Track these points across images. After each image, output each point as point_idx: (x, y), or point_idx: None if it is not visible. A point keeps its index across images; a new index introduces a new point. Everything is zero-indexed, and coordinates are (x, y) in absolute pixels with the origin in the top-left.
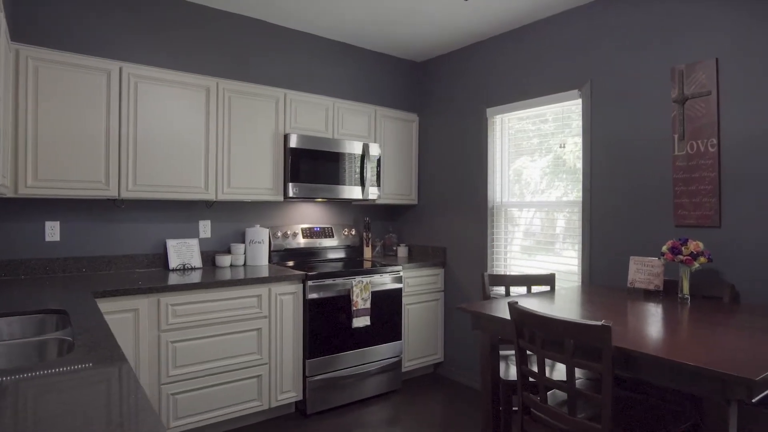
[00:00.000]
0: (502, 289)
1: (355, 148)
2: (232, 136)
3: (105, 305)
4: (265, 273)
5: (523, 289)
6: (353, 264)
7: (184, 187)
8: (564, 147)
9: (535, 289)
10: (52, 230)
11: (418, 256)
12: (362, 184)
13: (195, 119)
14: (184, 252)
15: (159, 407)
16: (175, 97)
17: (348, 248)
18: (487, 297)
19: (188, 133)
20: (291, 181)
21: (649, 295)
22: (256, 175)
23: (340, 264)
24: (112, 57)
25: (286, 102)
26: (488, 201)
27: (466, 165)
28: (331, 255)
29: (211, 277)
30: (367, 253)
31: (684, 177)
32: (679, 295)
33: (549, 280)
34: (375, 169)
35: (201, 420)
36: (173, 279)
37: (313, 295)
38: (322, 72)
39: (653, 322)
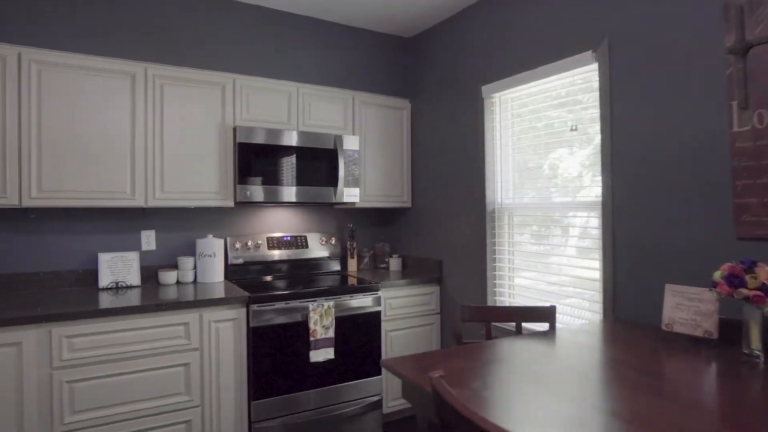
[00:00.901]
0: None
1: (326, 142)
2: (165, 131)
3: None
4: (212, 293)
5: (540, 326)
6: (324, 281)
7: (105, 193)
8: (576, 129)
9: (532, 326)
10: None
11: (414, 270)
12: (335, 184)
13: (118, 112)
14: (119, 268)
15: None
16: (93, 87)
17: (328, 260)
18: (460, 340)
19: (110, 129)
20: (240, 183)
21: (695, 345)
22: (197, 177)
23: (313, 281)
24: (4, 40)
25: (235, 89)
26: (486, 202)
27: (463, 159)
28: (305, 270)
29: (152, 297)
30: (353, 265)
31: (750, 165)
32: (745, 350)
33: (547, 314)
34: (352, 167)
35: None
36: (99, 300)
37: (259, 323)
38: (283, 53)
39: (705, 402)
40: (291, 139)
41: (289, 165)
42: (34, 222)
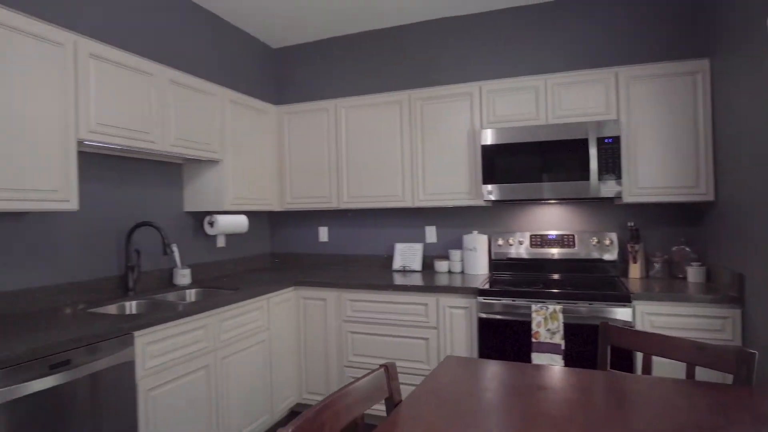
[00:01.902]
0: None
1: (578, 132)
2: (426, 143)
3: (305, 292)
4: (468, 282)
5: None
6: (590, 284)
7: (384, 197)
8: None
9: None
10: (324, 234)
11: (716, 282)
12: (588, 177)
13: (389, 132)
14: (408, 255)
15: (342, 385)
16: (372, 117)
17: (600, 263)
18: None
19: (385, 146)
20: (484, 183)
21: None
22: (450, 180)
23: (581, 282)
24: (328, 97)
25: (482, 95)
26: None
27: None
28: (570, 270)
29: (429, 280)
30: (635, 271)
31: None
32: None
33: (736, 360)
34: (609, 156)
35: None
36: (384, 278)
37: (486, 314)
38: (523, 49)
39: None
40: (538, 135)
41: (536, 161)
42: (351, 219)
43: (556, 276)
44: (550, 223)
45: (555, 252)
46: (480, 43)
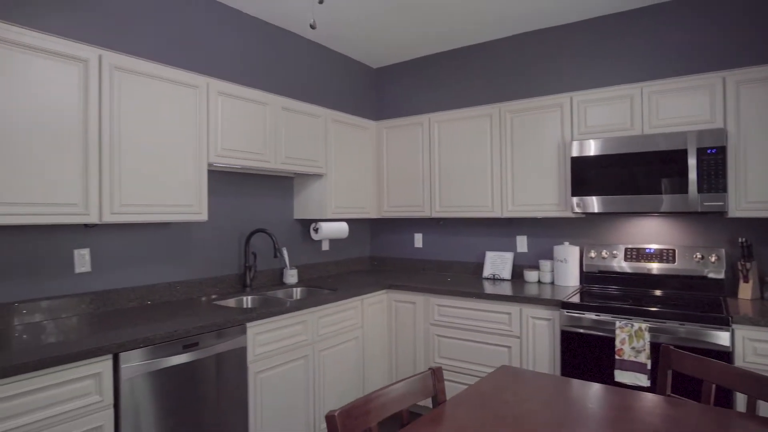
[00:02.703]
0: None
1: (677, 141)
2: (515, 155)
3: (396, 295)
4: (557, 294)
5: None
6: (687, 303)
7: (474, 207)
8: None
9: None
10: (419, 240)
11: None
12: (687, 190)
13: (480, 145)
14: (498, 264)
15: None
16: (464, 131)
17: (705, 281)
18: None
19: (476, 158)
20: (573, 195)
21: None
22: (540, 191)
23: (678, 300)
24: (422, 112)
25: (572, 106)
26: None
27: None
28: (670, 287)
29: (516, 290)
30: (745, 291)
31: None
32: None
33: None
34: (713, 166)
35: None
36: (472, 285)
37: (569, 327)
38: (617, 57)
39: None
40: (632, 145)
41: (629, 173)
42: (443, 227)
43: (652, 292)
44: (647, 236)
45: (653, 267)
46: (570, 53)
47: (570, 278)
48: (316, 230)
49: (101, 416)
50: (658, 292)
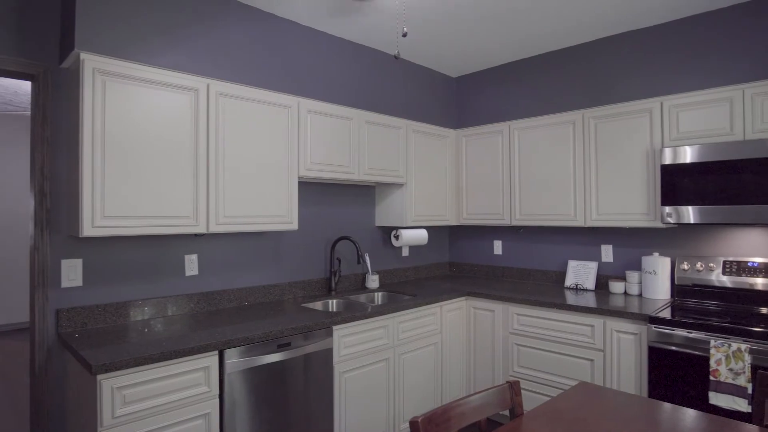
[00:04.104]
0: None
1: None
2: (599, 163)
3: (475, 302)
4: (646, 308)
5: None
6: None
7: (554, 215)
8: None
9: None
10: (498, 247)
11: None
12: None
13: (562, 152)
14: (581, 273)
15: None
16: (544, 137)
17: None
18: None
19: (557, 166)
20: (663, 204)
21: None
22: (625, 200)
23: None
24: (502, 120)
25: (662, 111)
26: None
27: None
28: None
29: (601, 301)
30: None
31: None
32: None
33: None
34: None
35: None
36: (553, 295)
37: (658, 344)
38: (713, 57)
39: None
40: (732, 152)
41: (728, 181)
42: (523, 235)
43: (756, 309)
44: (749, 249)
45: (756, 282)
46: (660, 56)
47: (660, 291)
48: (396, 237)
49: (209, 405)
50: (763, 310)
